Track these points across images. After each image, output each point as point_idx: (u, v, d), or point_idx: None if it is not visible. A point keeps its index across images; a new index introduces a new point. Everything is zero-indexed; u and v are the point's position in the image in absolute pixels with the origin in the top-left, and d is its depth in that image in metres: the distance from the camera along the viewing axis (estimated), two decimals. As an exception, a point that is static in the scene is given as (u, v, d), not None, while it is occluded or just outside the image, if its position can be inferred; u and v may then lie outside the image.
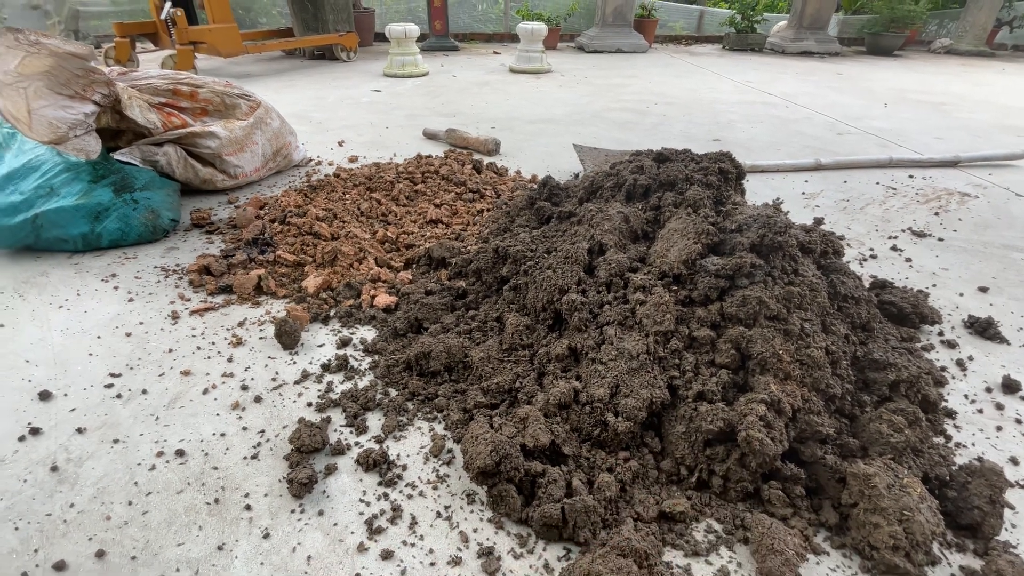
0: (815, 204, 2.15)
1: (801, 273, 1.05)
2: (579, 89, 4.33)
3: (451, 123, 3.07)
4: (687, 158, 1.34)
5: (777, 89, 4.45)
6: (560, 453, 0.92)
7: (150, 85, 1.84)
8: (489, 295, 1.38)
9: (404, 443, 1.02)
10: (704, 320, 0.99)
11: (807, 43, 6.55)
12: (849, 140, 3.06)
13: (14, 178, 1.63)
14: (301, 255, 1.56)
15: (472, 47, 6.78)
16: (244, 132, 1.92)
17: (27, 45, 1.54)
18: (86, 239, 1.61)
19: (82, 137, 1.60)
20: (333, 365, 1.20)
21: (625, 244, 1.17)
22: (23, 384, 1.14)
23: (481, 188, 2.09)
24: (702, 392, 0.92)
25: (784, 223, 1.03)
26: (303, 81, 4.36)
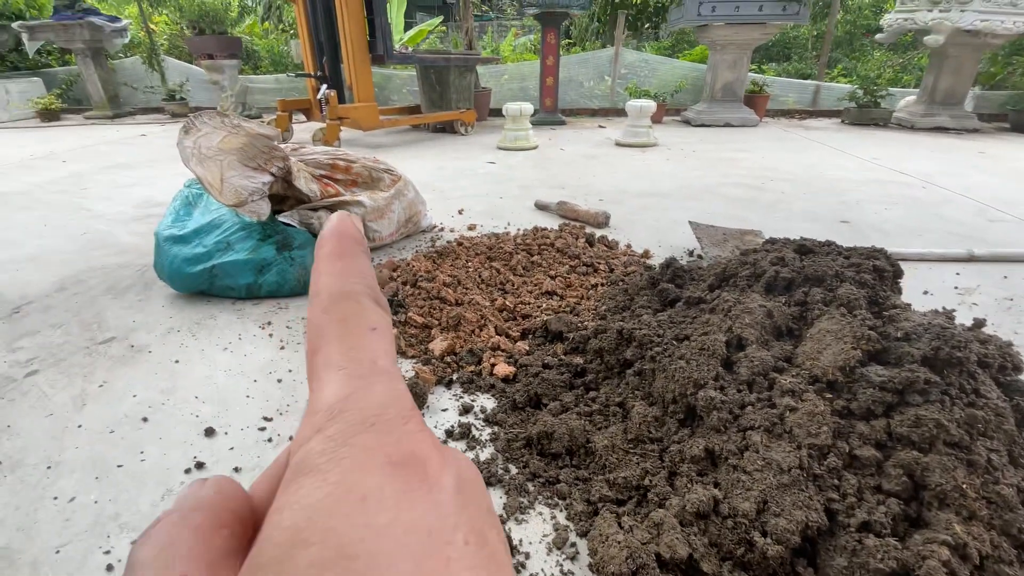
0: (971, 302, 1.92)
1: (983, 394, 0.93)
2: (688, 163, 4.34)
3: (560, 195, 3.19)
4: (834, 251, 1.27)
5: (910, 168, 4.15)
6: (698, 570, 0.85)
7: (314, 159, 2.12)
8: (610, 377, 1.36)
9: (526, 528, 1.00)
10: (867, 437, 0.89)
11: (940, 118, 6.10)
12: (1003, 228, 2.74)
13: (200, 233, 1.92)
14: (429, 318, 1.65)
15: (578, 121, 7.10)
16: (385, 202, 2.13)
17: (230, 127, 1.85)
18: (249, 289, 1.84)
19: (257, 201, 1.86)
20: (456, 432, 1.23)
21: (767, 340, 1.12)
22: (192, 418, 1.29)
23: (594, 262, 2.12)
24: (868, 522, 0.82)
25: (963, 336, 0.93)
26: (427, 152, 4.79)
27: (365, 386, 0.17)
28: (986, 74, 7.15)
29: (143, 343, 1.62)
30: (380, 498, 0.14)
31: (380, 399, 0.17)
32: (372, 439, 0.16)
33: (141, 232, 2.61)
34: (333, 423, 0.16)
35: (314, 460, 0.15)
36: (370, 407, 0.16)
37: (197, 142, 1.74)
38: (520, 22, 12.36)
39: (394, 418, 0.17)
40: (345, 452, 0.15)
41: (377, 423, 0.16)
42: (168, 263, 1.81)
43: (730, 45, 6.18)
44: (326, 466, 0.15)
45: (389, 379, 0.18)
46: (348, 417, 0.16)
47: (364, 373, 0.18)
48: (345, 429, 0.16)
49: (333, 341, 0.18)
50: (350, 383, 0.17)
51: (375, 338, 0.19)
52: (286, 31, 9.44)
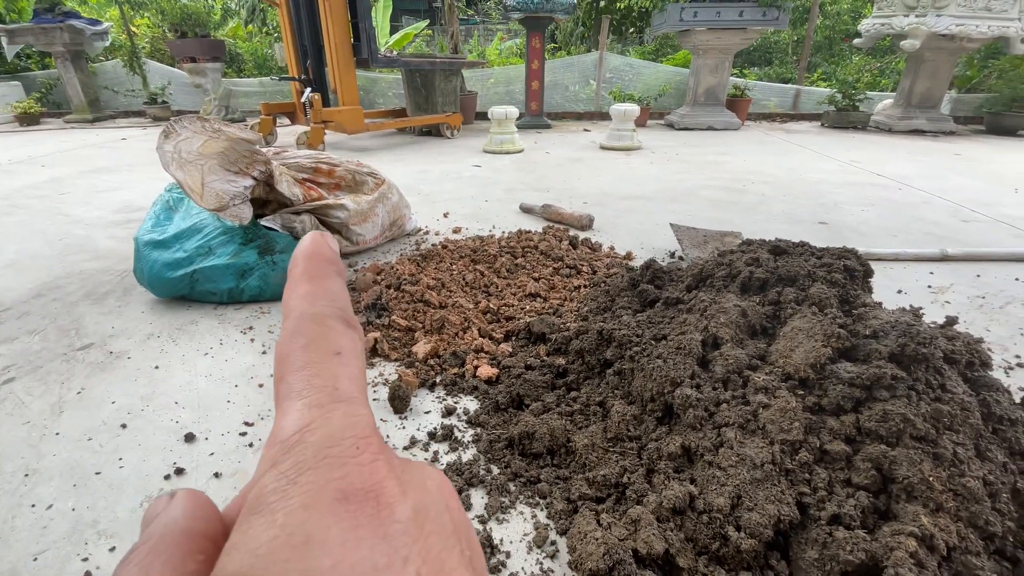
0: (944, 300, 1.98)
1: (949, 389, 0.96)
2: (671, 166, 4.39)
3: (545, 198, 3.21)
4: (807, 252, 1.30)
5: (887, 170, 4.24)
6: (674, 564, 0.86)
7: (296, 163, 2.12)
8: (591, 377, 1.38)
9: (507, 527, 1.01)
10: (837, 432, 0.92)
11: (917, 121, 6.24)
12: (977, 228, 2.82)
13: (180, 238, 1.90)
14: (412, 321, 1.66)
15: (563, 124, 7.15)
16: (369, 205, 2.13)
17: (211, 131, 1.84)
18: (231, 293, 1.83)
19: (239, 206, 1.86)
20: (439, 434, 1.24)
21: (742, 339, 1.14)
22: (171, 424, 1.28)
23: (578, 264, 2.14)
24: (838, 515, 0.85)
25: (929, 333, 0.96)
26: (412, 156, 4.79)
27: (322, 415, 0.17)
28: (962, 78, 7.33)
29: (122, 349, 1.60)
30: (324, 540, 0.14)
31: (335, 429, 0.17)
32: (322, 474, 0.15)
33: (121, 237, 2.58)
34: (287, 457, 0.16)
35: (266, 498, 0.15)
36: (324, 439, 0.16)
37: (177, 146, 1.73)
38: (506, 26, 12.41)
39: (347, 449, 0.16)
40: (294, 491, 0.15)
41: (329, 456, 0.16)
42: (148, 268, 1.79)
43: (712, 50, 6.27)
44: (276, 505, 0.15)
45: (349, 406, 0.17)
46: (301, 451, 0.16)
47: (323, 401, 0.17)
48: (297, 464, 0.16)
49: (296, 368, 0.18)
50: (308, 413, 0.17)
51: (338, 363, 0.18)
52: (270, 34, 9.38)
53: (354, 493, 0.15)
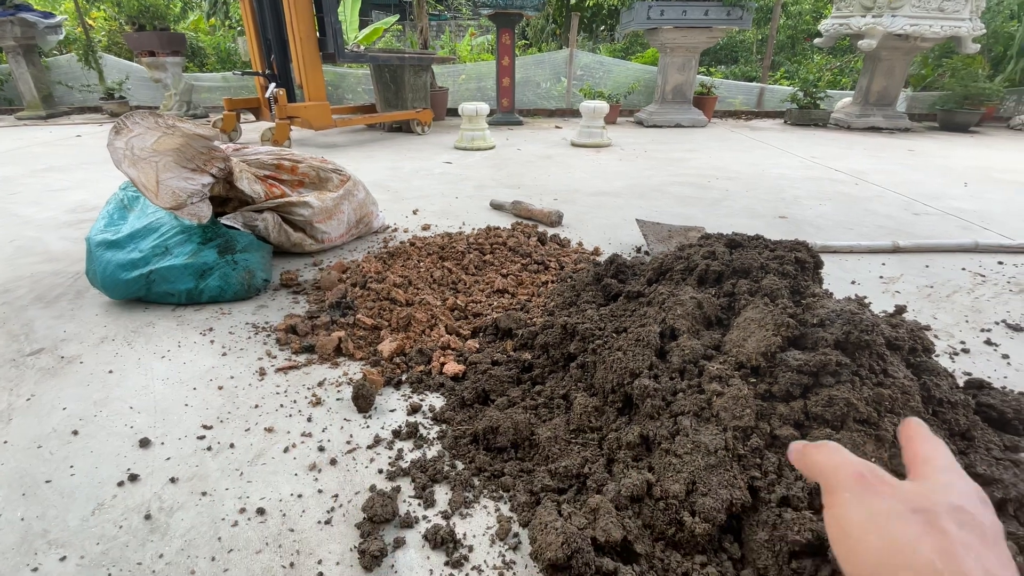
0: (895, 290, 2.06)
1: (891, 374, 1.01)
2: (639, 163, 4.45)
3: (516, 194, 3.22)
4: (761, 245, 1.34)
5: (845, 165, 4.39)
6: (632, 551, 0.89)
7: (257, 160, 2.07)
8: (556, 371, 1.40)
9: (470, 521, 1.01)
10: (787, 418, 0.95)
11: (874, 119, 6.48)
12: (927, 221, 2.95)
13: (135, 237, 1.84)
14: (378, 319, 1.65)
15: (535, 121, 7.17)
16: (334, 202, 2.10)
17: (164, 127, 1.79)
18: (190, 294, 1.78)
19: (197, 204, 1.81)
20: (404, 432, 1.24)
21: (698, 330, 1.17)
22: (126, 430, 1.24)
23: (546, 260, 2.16)
24: (787, 497, 0.88)
25: (871, 320, 1.00)
26: (381, 152, 4.74)
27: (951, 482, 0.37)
28: (917, 76, 7.64)
29: (74, 353, 1.54)
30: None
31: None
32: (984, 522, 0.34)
33: (74, 238, 2.48)
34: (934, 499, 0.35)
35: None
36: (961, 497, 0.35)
37: (129, 143, 1.68)
38: (477, 22, 12.36)
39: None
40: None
41: (969, 512, 0.34)
42: (101, 269, 1.73)
43: (679, 48, 6.37)
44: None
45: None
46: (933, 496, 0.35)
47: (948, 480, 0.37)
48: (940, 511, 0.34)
49: (924, 449, 0.41)
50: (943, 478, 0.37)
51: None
52: (233, 28, 9.13)
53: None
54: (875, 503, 0.35)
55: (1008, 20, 7.09)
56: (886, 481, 0.37)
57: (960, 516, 0.33)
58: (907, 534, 0.32)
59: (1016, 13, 7.12)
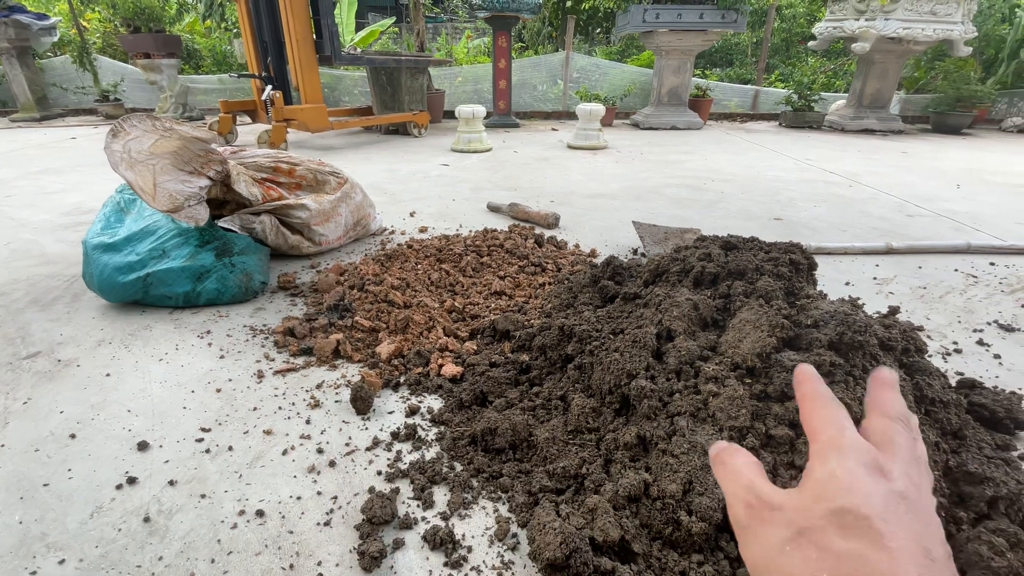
0: (888, 291, 2.08)
1: (883, 373, 1.02)
2: (635, 165, 4.47)
3: (512, 196, 3.23)
4: (756, 247, 1.35)
5: (839, 167, 4.42)
6: (630, 550, 0.89)
7: (255, 162, 2.08)
8: (553, 372, 1.40)
9: (469, 522, 1.02)
10: (782, 418, 0.96)
11: (868, 121, 6.52)
12: (920, 222, 2.97)
13: (132, 240, 1.84)
14: (376, 322, 1.65)
15: (532, 124, 7.19)
16: (331, 205, 2.11)
17: (162, 130, 1.79)
18: (187, 297, 1.78)
19: (194, 207, 1.81)
20: (402, 434, 1.24)
21: (694, 331, 1.18)
22: (124, 433, 1.24)
23: (543, 262, 2.17)
24: (781, 495, 0.89)
25: (864, 322, 1.02)
26: (378, 155, 4.74)
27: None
28: (910, 79, 7.70)
29: (71, 357, 1.54)
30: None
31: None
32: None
33: (70, 240, 2.48)
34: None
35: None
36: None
37: (127, 146, 1.68)
38: (473, 25, 12.39)
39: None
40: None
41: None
42: (98, 272, 1.73)
43: (674, 51, 6.40)
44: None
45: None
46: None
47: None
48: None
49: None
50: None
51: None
52: (229, 30, 9.12)
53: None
54: (765, 535, 0.31)
55: (999, 23, 7.16)
56: (770, 503, 0.32)
57: (843, 520, 0.28)
58: (796, 566, 0.28)
59: (1007, 16, 7.19)
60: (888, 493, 0.29)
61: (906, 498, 0.30)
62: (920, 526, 0.29)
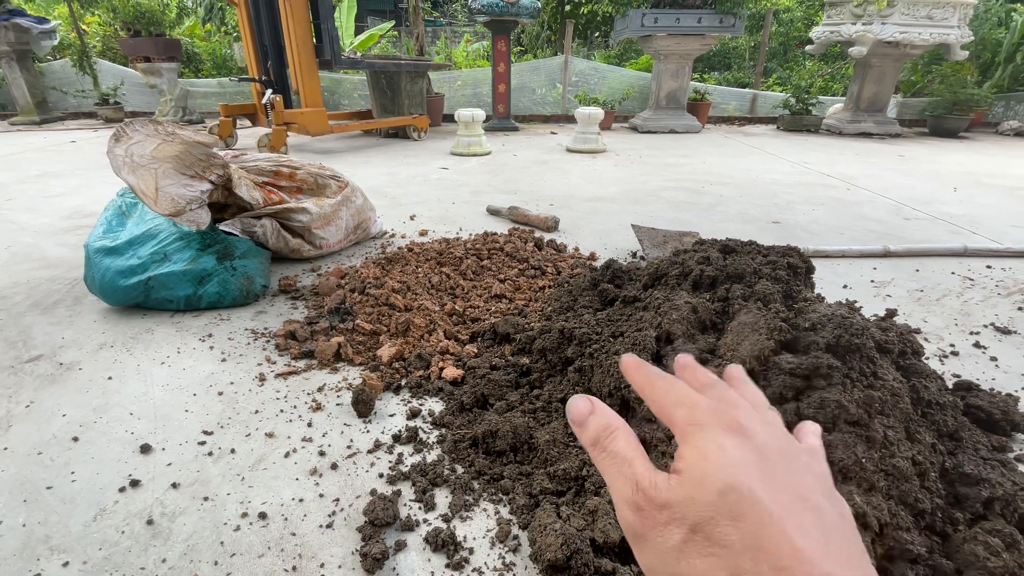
0: (886, 293, 2.10)
1: (881, 376, 1.03)
2: (634, 168, 4.49)
3: (512, 200, 3.25)
4: (754, 250, 1.37)
5: (837, 171, 4.44)
6: (630, 552, 0.90)
7: (256, 166, 2.09)
8: (553, 375, 1.41)
9: (470, 524, 1.03)
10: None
11: (865, 124, 6.56)
12: (917, 225, 2.99)
13: (134, 244, 1.85)
14: (377, 325, 1.66)
15: (531, 127, 7.21)
16: (332, 209, 2.12)
17: (164, 134, 1.80)
18: (188, 300, 1.79)
19: (196, 211, 1.82)
20: (404, 436, 1.25)
21: (693, 334, 1.19)
22: (126, 436, 1.25)
23: (542, 265, 2.18)
24: (780, 497, 0.90)
25: (861, 324, 1.03)
26: (378, 158, 4.76)
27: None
28: (907, 82, 7.74)
29: (73, 360, 1.55)
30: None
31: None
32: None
33: (71, 244, 2.48)
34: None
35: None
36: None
37: (129, 150, 1.69)
38: (472, 28, 12.43)
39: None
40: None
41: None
42: (99, 276, 1.74)
43: (672, 55, 6.44)
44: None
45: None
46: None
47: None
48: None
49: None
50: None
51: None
52: (229, 34, 9.14)
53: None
54: (659, 541, 0.28)
55: (996, 27, 7.20)
56: (658, 502, 0.28)
57: (729, 501, 0.26)
58: (697, 573, 0.26)
59: (1004, 20, 7.24)
60: (756, 452, 0.29)
61: (770, 448, 0.29)
62: (795, 475, 0.29)
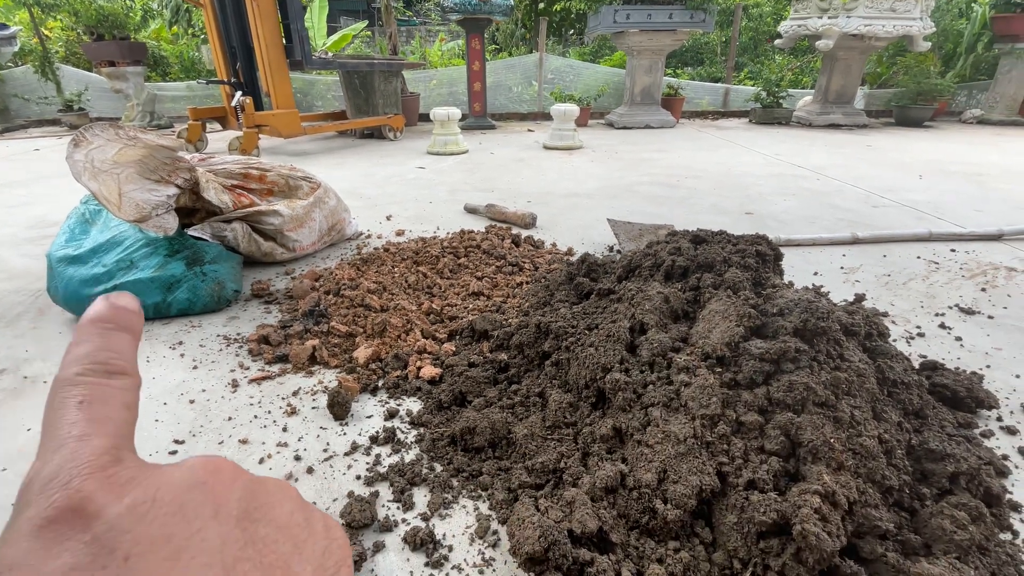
0: (855, 279, 2.14)
1: (847, 358, 1.06)
2: (610, 164, 4.52)
3: (490, 198, 3.24)
4: (724, 240, 1.39)
5: (807, 162, 4.53)
6: (608, 540, 0.91)
7: (224, 169, 2.05)
8: (531, 369, 1.42)
9: (450, 522, 1.02)
10: (751, 404, 0.99)
11: (834, 116, 6.70)
12: (885, 213, 3.07)
13: (98, 252, 1.80)
14: (353, 326, 1.64)
15: (508, 125, 7.21)
16: (304, 210, 2.09)
17: (126, 139, 1.75)
18: (157, 308, 1.74)
19: (162, 216, 1.78)
20: (381, 437, 1.24)
21: (666, 324, 1.20)
22: (94, 448, 1.21)
23: (520, 261, 2.18)
24: (753, 480, 0.91)
25: (826, 308, 1.05)
26: (353, 159, 4.70)
27: (48, 461, 0.19)
28: (873, 74, 7.94)
29: (37, 373, 1.50)
30: (25, 562, 0.17)
31: (54, 467, 0.19)
32: (33, 509, 0.18)
33: (35, 254, 2.40)
34: (16, 504, 0.19)
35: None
36: (44, 478, 0.19)
37: (90, 155, 1.64)
38: (447, 27, 12.37)
39: (61, 480, 0.18)
40: (9, 531, 0.18)
41: (45, 490, 0.18)
42: (63, 286, 1.68)
43: (645, 51, 6.49)
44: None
45: (76, 442, 0.20)
46: (23, 499, 0.19)
47: (53, 446, 0.20)
48: (17, 508, 0.19)
49: (43, 427, 0.21)
50: (39, 460, 0.20)
51: (77, 410, 0.21)
52: (196, 36, 8.94)
53: (58, 515, 0.18)
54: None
55: (957, 18, 7.43)
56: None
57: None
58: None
59: (964, 11, 7.46)
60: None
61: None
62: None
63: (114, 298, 0.26)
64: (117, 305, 0.25)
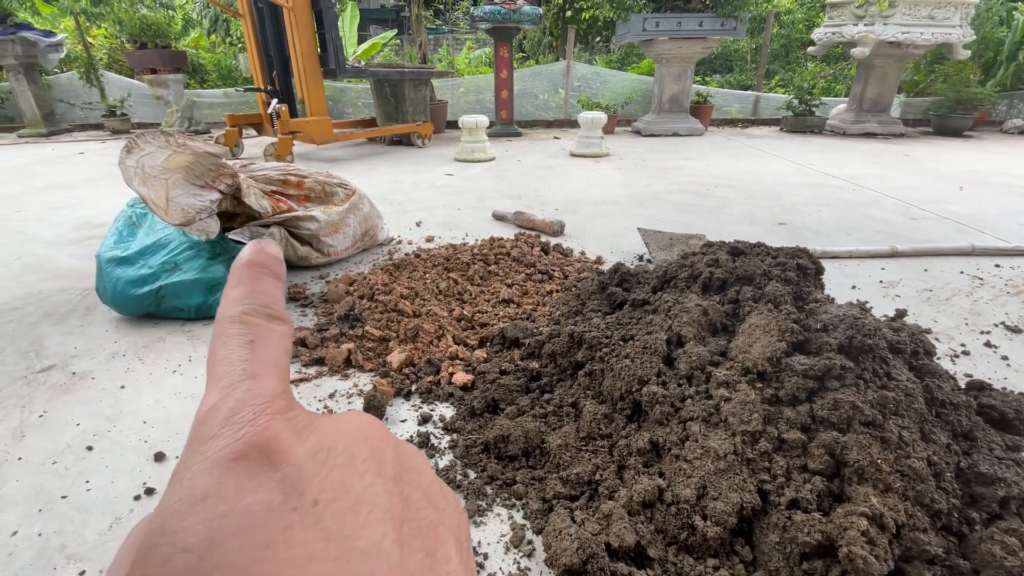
0: (895, 294, 2.09)
1: (894, 377, 1.03)
2: (638, 172, 4.50)
3: (517, 205, 3.26)
4: (763, 252, 1.37)
5: (842, 171, 4.43)
6: (645, 555, 0.90)
7: (264, 175, 2.11)
8: (563, 379, 1.41)
9: (484, 530, 1.03)
10: (793, 422, 0.97)
11: (869, 125, 6.55)
12: (924, 225, 2.98)
13: (145, 254, 1.87)
14: (386, 331, 1.67)
15: (534, 132, 7.23)
16: (340, 216, 2.13)
17: (175, 145, 1.82)
18: (199, 309, 1.80)
19: (205, 220, 1.84)
20: (415, 442, 1.25)
21: (704, 337, 1.19)
22: (140, 444, 1.26)
23: (549, 269, 2.18)
24: (795, 499, 0.89)
25: (873, 325, 1.03)
26: (383, 165, 4.78)
27: (228, 393, 0.19)
28: (910, 82, 7.73)
29: (86, 369, 1.56)
30: (219, 492, 0.16)
31: (236, 402, 0.19)
32: (220, 442, 0.18)
33: (82, 255, 2.51)
34: (196, 433, 0.19)
35: (178, 471, 0.18)
36: (226, 412, 0.19)
37: (140, 161, 1.71)
38: (474, 36, 12.51)
39: (245, 416, 0.18)
40: (196, 460, 0.17)
41: (229, 424, 0.18)
42: (111, 286, 1.75)
43: (674, 59, 6.45)
44: (183, 474, 0.17)
45: (253, 381, 0.20)
46: (208, 426, 0.18)
47: (232, 381, 0.20)
48: (201, 437, 0.18)
49: (213, 362, 0.21)
50: (217, 393, 0.19)
51: (248, 349, 0.21)
52: (234, 45, 9.23)
53: (249, 451, 0.18)
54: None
55: (997, 26, 7.19)
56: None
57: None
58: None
59: (1005, 19, 7.22)
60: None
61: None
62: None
63: (264, 243, 0.25)
64: (268, 251, 0.25)
